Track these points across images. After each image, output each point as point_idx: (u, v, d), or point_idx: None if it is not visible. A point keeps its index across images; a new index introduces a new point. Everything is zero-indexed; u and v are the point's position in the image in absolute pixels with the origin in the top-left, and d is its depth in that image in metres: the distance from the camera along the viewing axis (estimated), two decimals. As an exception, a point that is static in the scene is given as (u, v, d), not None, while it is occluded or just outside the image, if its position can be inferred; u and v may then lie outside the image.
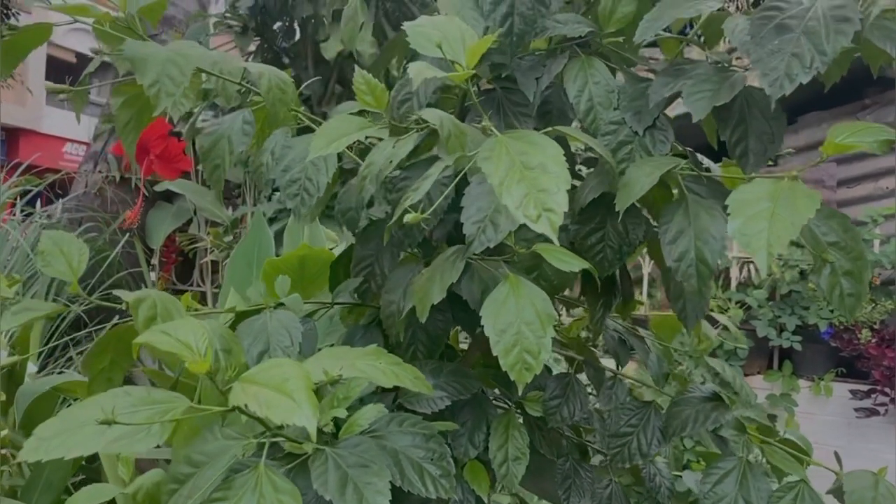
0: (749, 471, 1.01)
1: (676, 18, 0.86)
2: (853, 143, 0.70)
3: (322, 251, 1.60)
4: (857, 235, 0.76)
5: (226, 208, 3.87)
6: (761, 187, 0.70)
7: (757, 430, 1.17)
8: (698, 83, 0.86)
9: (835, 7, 0.73)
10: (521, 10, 0.93)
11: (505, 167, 0.66)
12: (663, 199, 0.95)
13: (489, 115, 1.04)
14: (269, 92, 0.83)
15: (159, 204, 4.38)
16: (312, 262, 1.59)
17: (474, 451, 1.03)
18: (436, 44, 0.67)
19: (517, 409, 1.12)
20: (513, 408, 1.11)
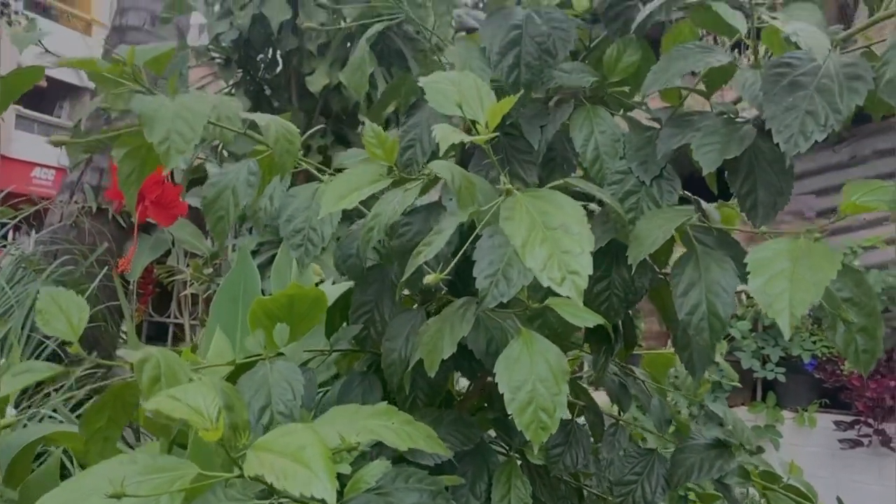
0: (754, 519, 1.00)
1: (685, 72, 0.86)
2: (869, 203, 0.70)
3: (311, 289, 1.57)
4: (871, 291, 0.76)
5: (205, 239, 3.82)
6: (780, 245, 0.70)
7: (760, 477, 1.17)
8: (707, 135, 0.86)
9: (846, 65, 0.74)
10: (528, 60, 0.93)
11: (527, 228, 0.65)
12: (667, 247, 0.95)
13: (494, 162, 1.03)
14: (277, 143, 0.82)
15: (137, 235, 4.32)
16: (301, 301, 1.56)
17: (476, 502, 1.02)
18: (456, 103, 0.66)
19: (518, 455, 1.10)
20: (514, 456, 1.09)
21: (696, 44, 0.89)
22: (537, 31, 0.94)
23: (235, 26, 2.72)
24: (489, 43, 0.93)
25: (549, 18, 0.95)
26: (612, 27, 1.03)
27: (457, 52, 0.95)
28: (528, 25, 0.94)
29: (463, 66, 0.95)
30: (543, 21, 0.94)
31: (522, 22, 0.94)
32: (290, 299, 1.60)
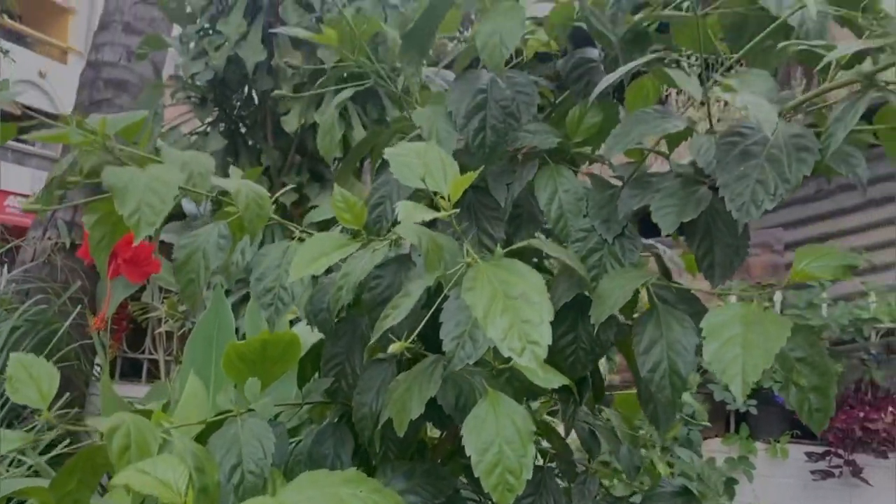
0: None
1: (643, 137, 0.89)
2: (817, 271, 0.73)
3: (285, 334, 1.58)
4: (822, 351, 0.79)
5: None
6: (733, 311, 0.73)
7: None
8: (665, 197, 0.89)
9: (795, 135, 0.77)
10: (493, 123, 0.96)
11: (488, 298, 0.67)
12: (633, 299, 0.97)
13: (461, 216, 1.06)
14: (248, 208, 0.83)
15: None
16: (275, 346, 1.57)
17: None
18: (420, 177, 0.68)
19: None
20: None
21: (655, 109, 0.93)
22: (502, 96, 0.96)
23: (211, 66, 2.74)
24: (455, 107, 0.96)
25: (514, 83, 0.98)
26: (576, 88, 1.06)
27: (424, 115, 0.98)
28: (492, 90, 0.97)
29: (430, 129, 0.97)
30: (507, 85, 0.97)
31: (487, 86, 0.97)
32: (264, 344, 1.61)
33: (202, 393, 2.06)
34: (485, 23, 0.88)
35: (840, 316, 3.34)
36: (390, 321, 0.79)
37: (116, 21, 5.27)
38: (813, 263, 0.74)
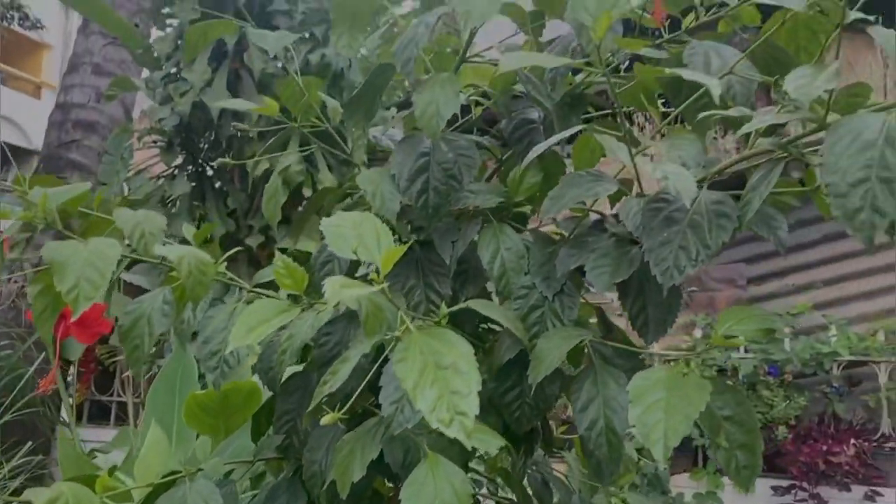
0: None
1: (577, 200, 0.92)
2: (739, 332, 0.76)
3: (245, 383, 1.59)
4: (750, 408, 0.82)
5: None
6: (658, 375, 0.75)
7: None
8: (599, 258, 0.92)
9: (715, 202, 0.81)
10: (435, 185, 0.98)
11: (418, 370, 0.69)
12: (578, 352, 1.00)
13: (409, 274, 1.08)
14: (190, 276, 0.85)
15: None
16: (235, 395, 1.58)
17: None
18: (352, 249, 0.71)
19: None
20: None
21: (589, 171, 0.96)
22: (444, 158, 0.99)
23: (176, 112, 2.76)
24: (399, 170, 0.98)
25: (456, 146, 1.01)
26: (518, 148, 1.10)
27: (368, 177, 1.01)
28: (435, 153, 1.00)
29: (374, 191, 1.00)
30: (450, 148, 1.00)
31: (430, 149, 1.00)
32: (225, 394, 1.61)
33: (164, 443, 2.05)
34: (423, 93, 0.91)
35: (801, 350, 3.39)
36: (328, 388, 0.81)
37: (86, 63, 5.29)
38: (734, 327, 0.77)
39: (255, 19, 2.84)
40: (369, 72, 1.04)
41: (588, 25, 0.69)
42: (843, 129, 0.65)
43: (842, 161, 0.63)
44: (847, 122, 0.65)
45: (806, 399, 3.40)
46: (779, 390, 3.37)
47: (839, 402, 3.42)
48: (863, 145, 0.63)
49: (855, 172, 0.62)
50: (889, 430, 3.42)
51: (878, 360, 3.40)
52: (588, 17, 0.70)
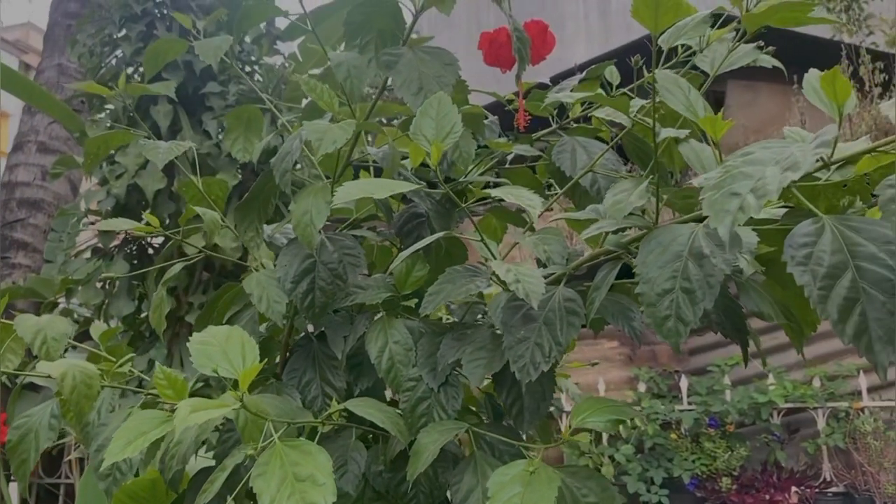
0: None
1: (454, 296, 0.97)
2: (590, 422, 0.81)
3: (172, 473, 1.60)
4: (614, 493, 0.86)
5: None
6: (514, 470, 0.79)
7: None
8: (475, 350, 0.96)
9: (567, 300, 0.87)
10: (321, 284, 1.03)
11: (277, 483, 0.72)
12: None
13: (306, 368, 1.12)
14: (73, 391, 0.87)
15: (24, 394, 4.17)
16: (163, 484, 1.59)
17: None
18: (213, 368, 0.74)
19: None
20: None
21: (466, 267, 1.01)
22: (329, 258, 1.04)
23: (112, 195, 2.78)
24: (284, 272, 1.02)
25: (341, 245, 1.06)
26: (407, 242, 1.15)
27: (255, 281, 1.05)
28: (321, 253, 1.04)
29: (260, 295, 1.04)
30: (335, 248, 1.05)
31: (317, 250, 1.04)
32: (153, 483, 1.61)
33: (93, 535, 2.03)
34: (298, 203, 0.96)
35: (739, 401, 3.46)
36: (205, 497, 0.83)
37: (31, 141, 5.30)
38: (588, 418, 0.82)
39: (188, 101, 2.90)
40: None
41: (426, 151, 0.74)
42: (654, 242, 0.71)
43: (652, 271, 0.69)
44: (658, 234, 0.71)
45: (747, 449, 3.45)
46: (721, 441, 3.43)
47: (780, 449, 3.49)
48: (670, 257, 0.69)
49: (662, 283, 0.68)
50: (830, 475, 3.48)
51: (815, 406, 3.48)
52: (426, 143, 0.76)
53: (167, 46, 1.16)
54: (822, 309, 0.58)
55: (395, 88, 0.92)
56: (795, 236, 0.61)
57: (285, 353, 1.18)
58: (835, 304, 0.58)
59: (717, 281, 0.65)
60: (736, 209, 0.56)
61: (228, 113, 1.13)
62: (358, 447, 1.01)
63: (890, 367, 1.90)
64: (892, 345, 0.56)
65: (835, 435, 3.42)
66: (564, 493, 0.87)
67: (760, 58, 0.89)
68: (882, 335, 0.56)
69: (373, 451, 1.06)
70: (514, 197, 0.75)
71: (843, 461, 3.50)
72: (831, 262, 0.59)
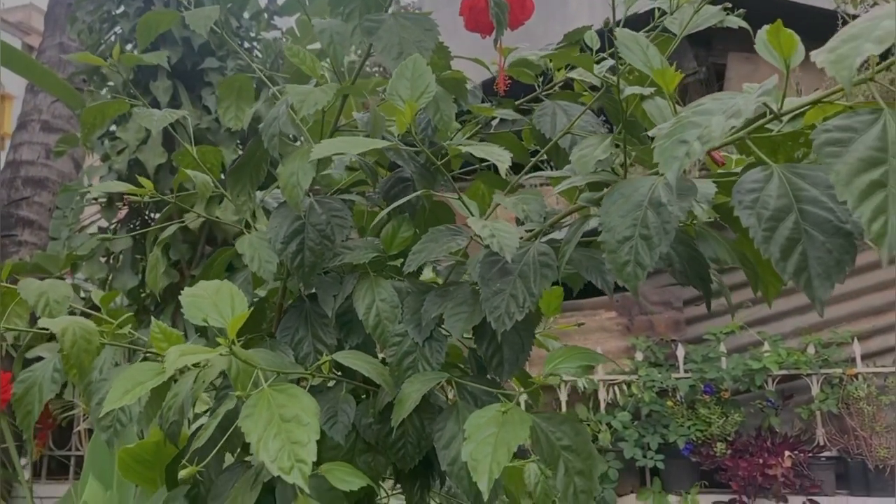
0: None
1: (436, 254, 1.01)
2: (562, 369, 0.85)
3: (177, 434, 1.65)
4: (587, 438, 0.90)
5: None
6: (490, 413, 0.84)
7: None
8: (457, 306, 1.01)
9: (541, 254, 0.91)
10: (310, 245, 1.07)
11: (264, 424, 0.77)
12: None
13: (298, 326, 1.16)
14: (74, 346, 0.92)
15: (32, 368, 4.24)
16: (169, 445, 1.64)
17: None
18: (203, 317, 0.79)
19: None
20: None
21: (448, 227, 1.05)
22: (318, 220, 1.08)
23: (113, 170, 2.83)
24: (274, 234, 1.06)
25: (329, 207, 1.10)
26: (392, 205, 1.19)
27: (248, 242, 1.09)
28: (310, 215, 1.08)
29: (252, 255, 1.09)
30: (324, 210, 1.09)
31: (305, 212, 1.08)
32: (157, 445, 1.67)
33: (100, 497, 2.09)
34: (286, 165, 1.00)
35: (733, 368, 3.51)
36: (199, 442, 0.88)
37: (35, 120, 5.34)
38: (560, 364, 0.87)
39: (187, 76, 2.94)
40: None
41: (401, 109, 0.78)
42: (618, 193, 0.75)
43: (613, 221, 0.73)
44: (621, 186, 0.75)
45: (742, 415, 3.51)
46: (716, 408, 3.48)
47: (775, 415, 3.54)
48: (631, 207, 0.73)
49: (623, 231, 0.72)
50: (824, 440, 3.54)
51: (809, 373, 3.53)
52: (401, 103, 0.80)
53: (159, 18, 1.20)
54: (766, 249, 0.62)
55: (376, 53, 0.96)
56: (744, 182, 0.65)
57: (279, 315, 1.23)
58: (777, 244, 0.62)
59: (672, 227, 0.69)
60: (683, 155, 0.60)
61: (220, 82, 1.16)
62: (347, 399, 1.06)
63: (877, 336, 1.94)
64: (830, 280, 0.60)
65: (828, 401, 3.47)
66: (539, 437, 0.91)
67: (728, 19, 0.92)
68: (821, 272, 0.60)
69: (362, 405, 1.10)
70: (485, 153, 0.79)
71: (837, 426, 3.55)
72: (776, 206, 0.63)
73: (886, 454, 3.29)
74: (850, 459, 3.42)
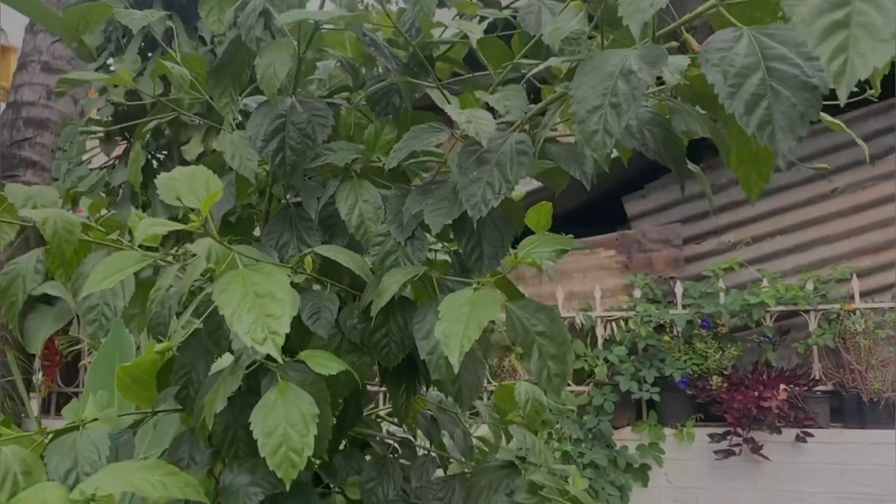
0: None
1: (416, 148, 1.01)
2: (535, 254, 0.86)
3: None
4: (561, 324, 0.91)
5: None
6: (465, 294, 0.85)
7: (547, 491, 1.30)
8: (438, 202, 1.01)
9: (518, 142, 0.90)
10: (291, 143, 1.07)
11: (238, 298, 0.78)
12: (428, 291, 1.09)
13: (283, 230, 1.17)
14: (55, 236, 0.93)
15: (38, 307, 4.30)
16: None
17: None
18: (176, 196, 0.79)
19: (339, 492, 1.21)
20: (334, 493, 1.20)
21: (430, 125, 1.05)
22: (299, 119, 1.08)
23: (111, 102, 2.81)
24: (255, 132, 1.06)
25: (310, 107, 1.09)
26: (377, 108, 1.19)
27: (229, 141, 1.09)
28: (291, 114, 1.08)
29: (233, 153, 1.09)
30: (305, 109, 1.08)
31: (286, 111, 1.08)
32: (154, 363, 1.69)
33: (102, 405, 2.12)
34: (263, 57, 0.99)
35: (731, 303, 3.52)
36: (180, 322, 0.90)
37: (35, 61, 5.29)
38: (534, 249, 0.87)
39: (182, 7, 2.90)
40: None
41: None
42: (590, 65, 0.74)
43: (584, 92, 0.72)
44: (595, 58, 0.74)
45: (739, 349, 3.53)
46: (713, 342, 3.51)
47: (772, 351, 3.56)
48: (602, 77, 0.72)
49: (593, 100, 0.71)
50: (820, 374, 3.56)
51: (807, 308, 3.54)
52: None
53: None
54: (730, 104, 0.61)
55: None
56: (713, 42, 0.64)
57: (265, 222, 1.23)
58: (742, 99, 0.61)
59: (640, 93, 0.68)
60: (647, 6, 0.59)
61: (202, -18, 1.15)
62: (331, 297, 1.07)
63: (877, 273, 1.92)
64: (793, 133, 0.59)
65: (825, 335, 3.49)
66: (515, 322, 0.92)
67: None
68: (784, 125, 0.60)
69: (348, 308, 1.11)
70: (458, 25, 0.78)
71: (833, 361, 3.57)
72: (743, 63, 0.62)
73: (881, 387, 3.32)
74: (846, 393, 3.45)
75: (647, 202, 4.07)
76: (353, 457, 1.24)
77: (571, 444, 3.43)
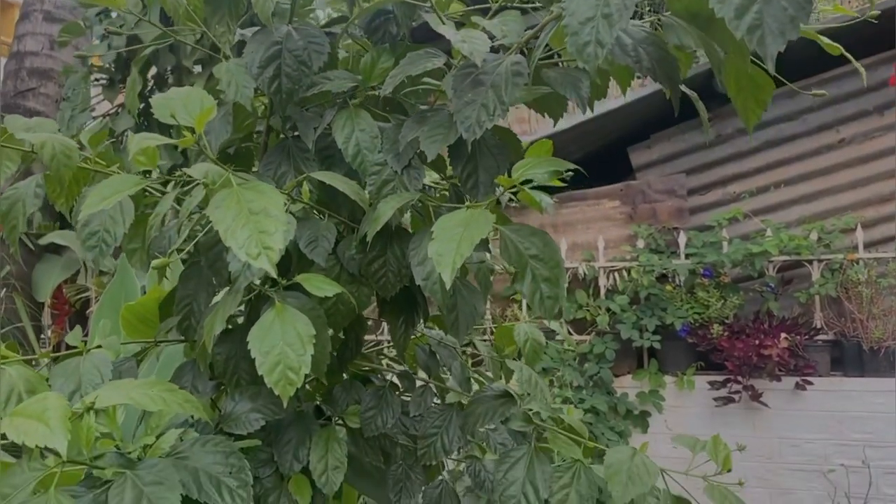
0: (536, 457, 1.14)
1: (409, 73, 1.00)
2: (529, 175, 0.86)
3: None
4: (555, 248, 0.92)
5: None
6: (459, 216, 0.85)
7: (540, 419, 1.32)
8: (433, 129, 1.01)
9: (514, 64, 0.90)
10: (287, 71, 1.07)
11: (233, 215, 0.79)
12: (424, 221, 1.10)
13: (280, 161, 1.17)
14: (53, 159, 0.93)
15: (46, 257, 4.34)
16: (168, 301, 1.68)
17: (299, 465, 1.13)
18: (170, 114, 0.80)
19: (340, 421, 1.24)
20: (334, 422, 1.22)
21: (426, 51, 1.04)
22: (295, 46, 1.07)
23: (113, 48, 2.80)
24: (251, 58, 1.06)
25: (307, 34, 1.09)
26: (374, 38, 1.18)
27: (224, 68, 1.09)
28: (287, 41, 1.07)
29: (229, 80, 1.08)
30: (301, 37, 1.08)
31: (283, 38, 1.07)
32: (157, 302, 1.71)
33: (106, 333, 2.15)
34: (258, -19, 0.98)
35: (734, 252, 3.52)
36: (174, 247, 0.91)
37: (37, 10, 5.25)
38: (528, 171, 0.87)
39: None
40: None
41: None
42: (584, -22, 0.73)
43: (577, 4, 0.72)
44: (587, -28, 0.74)
45: (741, 298, 3.54)
46: (714, 291, 3.52)
47: (774, 300, 3.57)
48: (596, -10, 0.72)
49: (585, 12, 0.71)
50: (821, 323, 3.58)
51: (810, 258, 3.53)
52: None
53: None
54: (720, 8, 0.61)
55: None
56: (705, -51, 0.64)
57: (263, 154, 1.23)
58: (732, 4, 0.61)
59: (631, 2, 0.67)
60: None
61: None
62: (329, 227, 1.08)
63: (881, 224, 1.92)
64: (783, 37, 0.59)
65: (828, 285, 3.49)
66: (508, 246, 0.93)
67: None
68: (775, 29, 0.59)
69: (346, 240, 1.12)
70: (462, 36, 0.78)
71: (835, 311, 3.58)
72: (735, -30, 0.62)
73: (882, 336, 3.33)
74: (846, 342, 3.47)
75: (652, 152, 4.04)
76: (353, 388, 1.26)
77: (572, 390, 3.47)
